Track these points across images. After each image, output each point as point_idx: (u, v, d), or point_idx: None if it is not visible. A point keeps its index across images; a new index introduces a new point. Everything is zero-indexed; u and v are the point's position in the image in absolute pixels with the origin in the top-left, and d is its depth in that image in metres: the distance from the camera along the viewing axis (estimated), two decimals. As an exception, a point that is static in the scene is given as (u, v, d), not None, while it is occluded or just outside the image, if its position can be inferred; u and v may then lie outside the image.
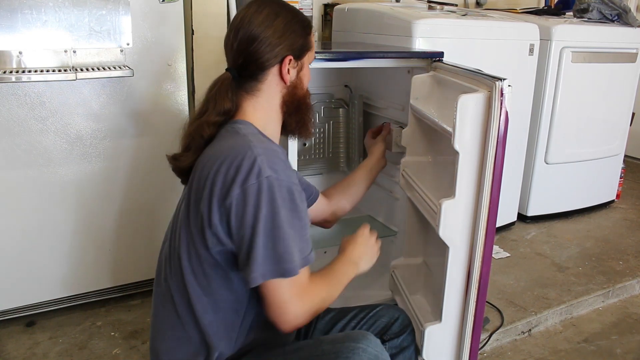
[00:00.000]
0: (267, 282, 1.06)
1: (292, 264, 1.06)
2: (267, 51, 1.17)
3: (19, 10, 1.59)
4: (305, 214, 1.12)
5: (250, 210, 1.04)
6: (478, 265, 1.42)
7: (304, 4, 2.50)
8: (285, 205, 1.06)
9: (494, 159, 1.34)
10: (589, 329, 2.12)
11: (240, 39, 1.17)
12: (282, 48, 1.19)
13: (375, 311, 1.43)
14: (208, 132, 1.18)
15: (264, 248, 1.04)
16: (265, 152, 1.09)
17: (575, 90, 2.73)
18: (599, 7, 2.87)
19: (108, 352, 1.79)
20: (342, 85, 2.35)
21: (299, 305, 1.09)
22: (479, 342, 1.52)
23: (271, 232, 1.04)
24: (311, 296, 1.12)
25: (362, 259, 1.34)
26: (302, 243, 1.09)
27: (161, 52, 1.88)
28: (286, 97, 1.24)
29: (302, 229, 1.10)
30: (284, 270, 1.05)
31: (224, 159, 1.08)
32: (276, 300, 1.07)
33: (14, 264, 1.84)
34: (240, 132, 1.15)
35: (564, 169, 2.88)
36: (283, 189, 1.06)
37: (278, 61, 1.20)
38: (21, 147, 1.75)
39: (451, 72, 1.60)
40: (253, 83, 1.20)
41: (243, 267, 1.07)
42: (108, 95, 1.83)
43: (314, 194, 1.54)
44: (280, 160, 1.10)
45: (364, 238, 1.37)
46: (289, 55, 1.20)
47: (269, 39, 1.17)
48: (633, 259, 2.57)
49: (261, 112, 1.22)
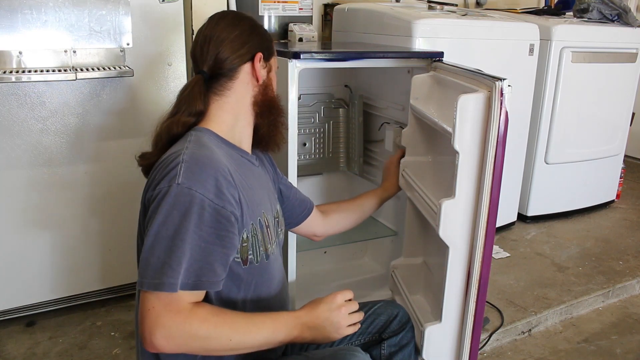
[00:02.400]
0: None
1: (171, 279, 0.95)
2: (237, 48, 1.19)
3: (19, 10, 1.59)
4: (222, 239, 1.02)
5: (153, 212, 1.00)
6: (478, 265, 1.42)
7: (304, 4, 2.50)
8: (190, 218, 0.98)
9: (493, 159, 1.33)
10: (589, 329, 2.12)
11: (209, 42, 1.19)
12: (252, 45, 1.21)
13: (374, 309, 1.43)
14: (175, 130, 1.16)
15: (149, 252, 0.97)
16: (193, 159, 1.04)
17: (575, 90, 2.73)
18: (599, 7, 2.87)
19: (108, 352, 1.79)
20: (342, 85, 2.35)
21: (165, 325, 0.95)
22: (479, 342, 1.52)
23: (162, 239, 0.97)
24: (185, 326, 0.96)
25: (317, 328, 1.13)
26: (203, 265, 0.99)
27: (161, 52, 1.88)
28: (258, 97, 1.24)
29: (208, 252, 1.00)
30: (159, 284, 0.95)
31: (161, 161, 1.09)
32: (142, 309, 0.97)
33: (14, 264, 1.84)
34: (188, 139, 1.13)
35: (564, 169, 2.88)
36: (193, 200, 0.99)
37: (249, 57, 1.21)
38: (21, 147, 1.75)
39: (451, 72, 1.60)
40: (224, 82, 1.20)
41: None
42: (108, 95, 1.83)
43: (307, 209, 1.52)
44: (207, 172, 1.02)
45: (332, 305, 1.15)
46: (259, 52, 1.22)
47: (238, 38, 1.20)
48: (633, 259, 2.57)
49: (229, 113, 1.21)
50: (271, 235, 1.22)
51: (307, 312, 1.14)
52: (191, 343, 0.98)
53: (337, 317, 1.15)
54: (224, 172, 1.05)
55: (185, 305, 0.98)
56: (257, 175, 1.26)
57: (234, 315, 1.06)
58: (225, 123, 1.20)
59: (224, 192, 1.03)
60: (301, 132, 2.27)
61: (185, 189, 0.99)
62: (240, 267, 1.12)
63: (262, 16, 2.40)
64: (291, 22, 2.46)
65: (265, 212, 1.20)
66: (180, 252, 0.97)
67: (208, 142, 1.12)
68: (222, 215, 1.02)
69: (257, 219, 1.15)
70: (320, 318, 1.14)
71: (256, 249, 1.15)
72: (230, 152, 1.18)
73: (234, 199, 1.05)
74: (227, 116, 1.20)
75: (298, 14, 2.50)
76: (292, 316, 1.13)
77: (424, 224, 1.77)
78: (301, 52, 1.58)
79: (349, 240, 2.09)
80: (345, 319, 1.16)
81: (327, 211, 1.60)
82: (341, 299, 1.17)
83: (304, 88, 2.25)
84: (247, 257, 1.12)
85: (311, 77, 2.27)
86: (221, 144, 1.17)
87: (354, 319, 1.18)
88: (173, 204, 0.99)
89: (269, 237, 1.20)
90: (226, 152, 1.16)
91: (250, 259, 1.13)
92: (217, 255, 1.01)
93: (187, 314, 0.97)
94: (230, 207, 1.04)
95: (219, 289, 1.04)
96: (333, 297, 1.16)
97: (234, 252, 1.08)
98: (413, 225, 1.83)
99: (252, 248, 1.13)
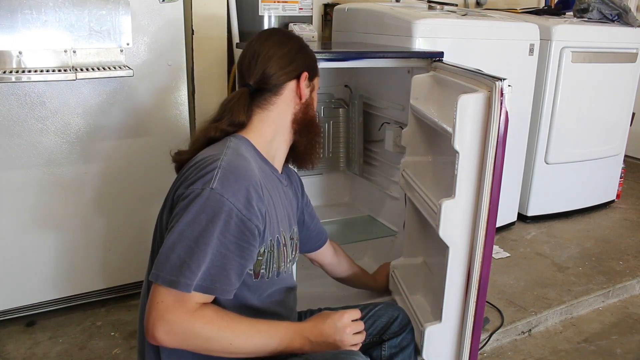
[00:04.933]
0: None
1: (188, 280, 0.98)
2: (284, 65, 1.22)
3: (19, 10, 1.59)
4: (243, 250, 1.04)
5: (182, 210, 1.02)
6: (478, 265, 1.42)
7: (304, 4, 2.50)
8: (216, 224, 1.00)
9: (494, 159, 1.34)
10: (589, 329, 2.12)
11: (258, 57, 1.21)
12: (299, 64, 1.25)
13: (375, 310, 1.44)
14: (213, 134, 1.19)
15: (170, 249, 0.99)
16: (230, 167, 1.06)
17: (575, 90, 2.73)
18: (599, 7, 2.87)
19: (108, 352, 1.79)
20: (342, 85, 2.35)
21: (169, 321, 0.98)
22: (479, 342, 1.52)
23: (185, 239, 0.99)
24: (189, 324, 0.99)
25: (319, 343, 1.14)
26: (220, 272, 1.01)
27: (161, 52, 1.88)
28: (298, 115, 1.26)
29: (228, 260, 1.02)
30: (175, 282, 0.97)
31: (197, 161, 1.11)
32: (151, 300, 1.00)
33: (14, 264, 1.84)
34: (227, 144, 1.14)
35: (564, 169, 2.88)
36: (223, 207, 1.01)
37: (295, 75, 1.24)
38: (21, 147, 1.75)
39: (451, 72, 1.60)
40: (268, 96, 1.22)
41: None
42: (108, 95, 1.83)
43: (321, 241, 1.57)
44: (241, 183, 1.05)
45: (339, 323, 1.16)
46: (305, 71, 1.25)
47: (286, 56, 1.22)
48: (633, 259, 2.57)
49: (270, 126, 1.23)
50: (287, 254, 1.24)
51: (313, 326, 1.15)
52: (192, 341, 1.00)
53: (341, 336, 1.15)
54: (256, 185, 1.08)
55: (194, 305, 1.00)
56: (282, 193, 1.28)
57: (239, 321, 1.07)
58: (263, 136, 1.23)
59: (253, 205, 1.06)
60: (301, 132, 2.27)
61: (218, 195, 1.02)
62: (251, 279, 1.14)
63: (262, 16, 2.40)
64: (291, 22, 2.46)
65: (284, 231, 1.22)
66: (202, 255, 0.99)
67: (245, 152, 1.15)
68: (247, 227, 1.04)
69: (275, 236, 1.17)
70: (324, 335, 1.15)
71: (270, 265, 1.17)
72: (263, 166, 1.20)
73: (260, 213, 1.08)
74: (267, 130, 1.23)
75: (298, 14, 2.50)
76: (296, 328, 1.14)
77: (423, 224, 1.76)
78: (301, 52, 1.58)
79: (349, 240, 2.09)
80: (349, 339, 1.16)
81: (338, 250, 1.68)
82: (348, 319, 1.17)
83: (304, 88, 2.25)
84: (259, 270, 1.14)
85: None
86: (256, 156, 1.19)
87: (357, 339, 1.18)
88: (203, 206, 1.01)
89: (284, 256, 1.22)
90: (259, 165, 1.18)
91: (262, 273, 1.15)
92: (234, 265, 1.04)
93: (193, 313, 1.00)
94: (256, 220, 1.06)
95: (230, 297, 1.06)
96: (341, 316, 1.17)
97: (251, 265, 1.10)
98: (413, 225, 1.83)
99: (266, 263, 1.15)
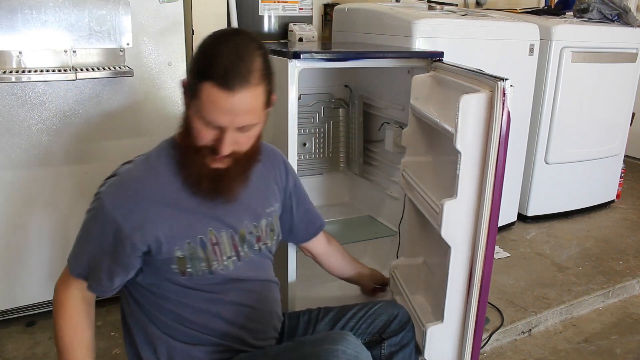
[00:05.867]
0: None
1: (72, 264, 1.23)
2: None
3: (19, 10, 1.59)
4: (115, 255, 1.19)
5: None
6: (480, 265, 1.42)
7: (304, 4, 2.50)
8: (94, 222, 1.22)
9: (496, 159, 1.34)
10: (589, 329, 2.12)
11: None
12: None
13: (374, 309, 1.44)
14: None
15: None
16: (125, 173, 1.23)
17: (575, 90, 2.73)
18: (599, 7, 2.87)
19: (108, 352, 1.79)
20: (342, 85, 2.35)
21: (56, 284, 1.26)
22: (480, 341, 1.52)
23: (80, 230, 1.25)
24: (58, 295, 1.25)
25: None
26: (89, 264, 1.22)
27: (161, 52, 1.87)
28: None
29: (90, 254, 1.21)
30: (69, 262, 1.24)
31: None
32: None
33: (14, 264, 1.84)
34: (151, 151, 1.29)
35: (564, 169, 2.88)
36: (99, 209, 1.20)
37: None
38: (21, 147, 1.75)
39: (451, 72, 1.60)
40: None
41: None
42: (108, 95, 1.83)
43: (309, 233, 1.56)
44: (122, 189, 1.20)
45: None
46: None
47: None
48: (633, 259, 2.57)
49: None
50: (222, 251, 1.23)
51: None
52: (54, 306, 1.25)
53: None
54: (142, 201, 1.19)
55: (73, 283, 1.23)
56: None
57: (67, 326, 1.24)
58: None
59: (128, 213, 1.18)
60: (301, 132, 2.27)
61: (103, 194, 1.20)
62: (179, 277, 1.20)
63: (262, 16, 2.40)
64: (291, 22, 2.46)
65: (214, 230, 1.22)
66: (81, 248, 1.26)
67: (158, 160, 1.24)
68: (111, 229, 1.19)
69: (198, 237, 1.20)
70: None
71: (196, 264, 1.20)
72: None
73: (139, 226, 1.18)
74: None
75: (298, 14, 2.50)
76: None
77: (424, 224, 1.76)
78: (301, 52, 1.58)
79: (349, 240, 2.09)
80: None
81: (332, 242, 1.65)
82: None
83: (304, 88, 2.25)
84: (185, 269, 1.20)
85: (311, 77, 2.27)
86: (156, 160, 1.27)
87: None
88: (91, 207, 1.25)
89: (216, 254, 1.22)
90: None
91: (189, 272, 1.20)
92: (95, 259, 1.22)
93: (66, 290, 1.24)
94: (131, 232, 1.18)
95: (104, 296, 1.27)
96: None
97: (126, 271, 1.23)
98: (413, 225, 1.83)
99: (190, 262, 1.20)
